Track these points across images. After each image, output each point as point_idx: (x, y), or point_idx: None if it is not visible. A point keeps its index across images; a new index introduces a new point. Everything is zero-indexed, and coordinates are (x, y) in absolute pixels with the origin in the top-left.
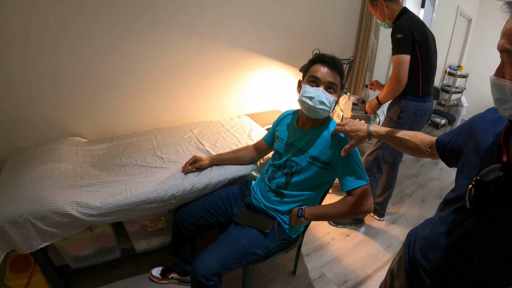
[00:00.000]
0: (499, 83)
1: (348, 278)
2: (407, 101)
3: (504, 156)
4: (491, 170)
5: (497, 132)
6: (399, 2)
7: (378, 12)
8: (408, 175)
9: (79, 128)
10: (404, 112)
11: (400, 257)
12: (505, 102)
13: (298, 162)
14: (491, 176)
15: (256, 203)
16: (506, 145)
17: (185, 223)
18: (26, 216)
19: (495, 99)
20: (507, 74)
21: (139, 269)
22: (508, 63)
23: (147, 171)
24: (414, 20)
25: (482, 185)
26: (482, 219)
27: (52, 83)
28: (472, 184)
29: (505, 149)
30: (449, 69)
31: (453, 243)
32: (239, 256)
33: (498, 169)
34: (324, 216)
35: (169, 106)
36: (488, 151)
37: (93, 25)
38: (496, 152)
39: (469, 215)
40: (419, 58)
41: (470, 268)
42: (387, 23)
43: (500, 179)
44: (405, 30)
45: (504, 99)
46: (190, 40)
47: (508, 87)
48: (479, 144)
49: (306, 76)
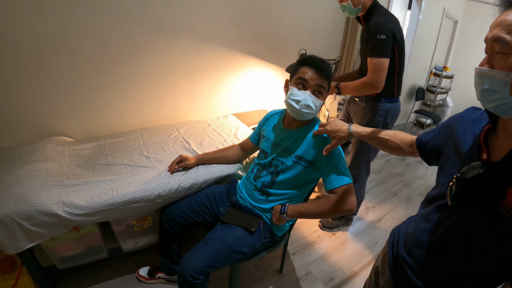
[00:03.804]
0: (487, 73)
1: (334, 276)
2: (382, 104)
3: (484, 154)
4: (472, 167)
5: (476, 131)
6: None
7: None
8: (394, 174)
9: (65, 127)
10: (381, 116)
11: (384, 255)
12: (493, 92)
13: (283, 161)
14: (471, 173)
15: (242, 202)
16: (486, 144)
17: (172, 222)
18: (12, 216)
19: (480, 89)
20: (498, 65)
21: (126, 269)
22: (500, 54)
23: (133, 171)
24: (393, 18)
25: (463, 182)
26: (463, 216)
27: (38, 82)
28: (453, 181)
29: (484, 147)
30: (435, 69)
31: (436, 239)
32: (226, 254)
33: (479, 167)
34: (307, 213)
35: (155, 106)
36: (468, 150)
37: (79, 25)
38: (476, 150)
39: (451, 212)
40: (397, 59)
41: (453, 264)
42: (358, 9)
43: (481, 176)
44: (388, 31)
45: (493, 89)
46: (177, 40)
47: (497, 77)
48: (459, 143)
49: (293, 77)
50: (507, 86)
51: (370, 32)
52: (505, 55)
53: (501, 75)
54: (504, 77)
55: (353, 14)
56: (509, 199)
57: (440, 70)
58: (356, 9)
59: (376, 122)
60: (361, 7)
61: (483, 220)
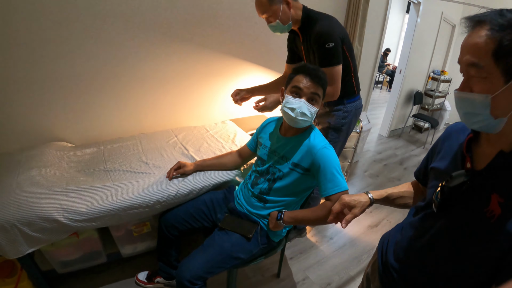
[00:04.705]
0: (467, 97)
1: (331, 280)
2: (345, 106)
3: (468, 163)
4: (456, 176)
5: (460, 140)
6: (298, 1)
7: (281, 13)
8: (391, 179)
9: (64, 132)
10: (346, 118)
11: (374, 261)
12: (474, 115)
13: (280, 169)
14: (456, 182)
15: (240, 208)
16: (469, 153)
17: (170, 228)
18: (13, 222)
19: (463, 113)
20: (476, 87)
21: (125, 273)
22: (477, 77)
23: (132, 177)
24: (331, 19)
25: (448, 190)
26: (449, 223)
27: (37, 88)
28: (438, 189)
29: (468, 156)
30: (433, 74)
31: (424, 246)
32: (223, 260)
33: (463, 175)
34: (303, 220)
35: (154, 111)
36: (453, 159)
37: (77, 31)
38: (460, 159)
39: (437, 219)
40: (349, 58)
41: (440, 269)
42: (288, 26)
43: (465, 184)
44: (335, 37)
45: (474, 112)
46: (175, 46)
47: (477, 100)
48: (445, 154)
49: (289, 85)
50: (487, 108)
51: (316, 42)
52: (482, 78)
53: (480, 98)
54: (483, 99)
55: (284, 31)
56: (493, 205)
57: (438, 74)
58: (287, 26)
59: (340, 125)
60: (291, 22)
61: (468, 227)
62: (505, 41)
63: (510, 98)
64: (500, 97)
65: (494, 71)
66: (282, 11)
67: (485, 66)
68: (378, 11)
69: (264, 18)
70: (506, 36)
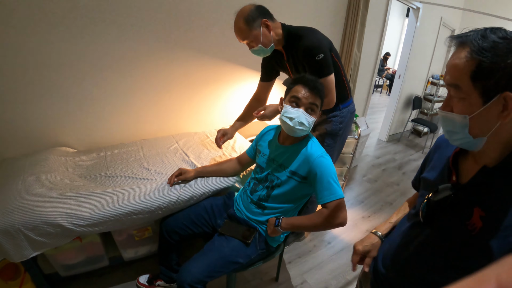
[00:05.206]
0: (448, 116)
1: (329, 284)
2: (341, 111)
3: (453, 176)
4: (442, 189)
5: (449, 153)
6: (275, 19)
7: (262, 37)
8: (390, 183)
9: (66, 138)
10: (343, 122)
11: None
12: (455, 133)
13: (278, 176)
14: (441, 195)
15: (239, 214)
16: (455, 166)
17: (171, 233)
18: (18, 227)
19: (445, 130)
20: (456, 108)
21: (126, 276)
22: (456, 98)
23: (134, 183)
24: (314, 30)
25: (433, 203)
26: (434, 233)
27: (40, 93)
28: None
29: (453, 170)
30: (432, 78)
31: (410, 254)
32: (223, 264)
33: (448, 189)
34: (300, 226)
35: (155, 117)
36: (441, 172)
37: (81, 37)
38: (447, 172)
39: (423, 229)
40: (338, 63)
41: (426, 277)
42: (271, 48)
43: (450, 198)
44: (324, 48)
45: (454, 131)
46: (176, 53)
47: (456, 119)
48: (434, 165)
49: (287, 95)
50: (466, 128)
51: (306, 56)
52: (461, 98)
53: (459, 118)
54: (462, 120)
55: (268, 53)
56: (475, 218)
57: (437, 79)
58: (269, 48)
59: (337, 130)
60: (273, 44)
61: (451, 238)
62: (483, 64)
63: (488, 119)
64: (477, 117)
65: (472, 93)
66: (263, 35)
67: (463, 88)
68: (377, 15)
69: (245, 43)
70: (485, 59)
